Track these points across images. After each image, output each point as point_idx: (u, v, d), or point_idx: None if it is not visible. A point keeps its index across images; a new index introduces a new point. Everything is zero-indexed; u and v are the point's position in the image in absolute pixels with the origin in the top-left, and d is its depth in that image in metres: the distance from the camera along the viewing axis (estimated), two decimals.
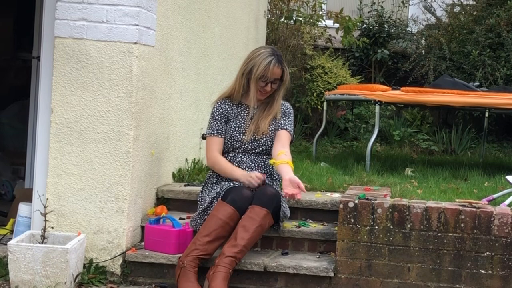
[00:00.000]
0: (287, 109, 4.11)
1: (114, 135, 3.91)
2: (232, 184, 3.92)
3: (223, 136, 4.03)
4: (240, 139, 3.99)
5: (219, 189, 3.92)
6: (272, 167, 4.02)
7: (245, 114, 4.04)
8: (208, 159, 4.08)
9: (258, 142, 4.01)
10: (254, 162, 4.02)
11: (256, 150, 4.02)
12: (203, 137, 4.13)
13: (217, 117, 4.04)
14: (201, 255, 3.71)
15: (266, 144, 4.03)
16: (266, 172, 4.02)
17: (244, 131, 4.01)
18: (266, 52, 3.98)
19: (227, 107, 4.05)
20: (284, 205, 3.94)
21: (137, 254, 3.95)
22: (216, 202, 3.85)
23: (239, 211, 3.75)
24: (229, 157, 4.03)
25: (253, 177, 3.88)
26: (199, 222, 3.92)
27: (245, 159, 4.01)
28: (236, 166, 3.99)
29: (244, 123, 4.02)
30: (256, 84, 3.97)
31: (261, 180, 3.88)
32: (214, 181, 4.03)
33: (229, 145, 4.03)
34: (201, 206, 3.98)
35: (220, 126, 4.03)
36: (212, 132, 4.04)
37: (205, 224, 3.77)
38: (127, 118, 3.90)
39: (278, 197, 3.84)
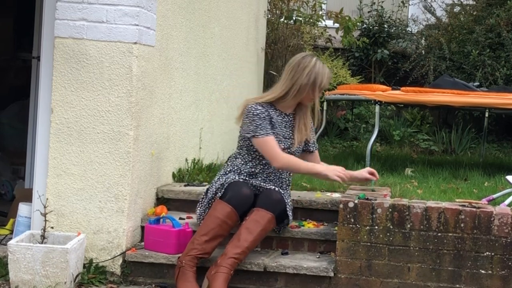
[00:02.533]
0: (311, 123, 4.09)
1: (114, 135, 3.91)
2: (237, 178, 3.86)
3: None
4: None
5: (223, 180, 3.88)
6: (282, 173, 3.97)
7: (280, 122, 3.96)
8: (277, 161, 3.81)
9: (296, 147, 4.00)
10: None
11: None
12: (250, 138, 3.92)
13: (264, 118, 3.87)
14: (199, 255, 3.71)
15: (299, 148, 4.02)
16: (280, 177, 3.97)
17: (281, 139, 3.92)
18: (319, 61, 3.93)
19: (271, 112, 3.92)
20: (290, 213, 3.94)
21: (137, 254, 3.95)
22: (219, 194, 3.81)
23: (238, 210, 3.75)
24: (255, 161, 3.93)
25: (341, 172, 3.85)
26: (203, 215, 3.88)
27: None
28: (261, 168, 3.92)
29: (282, 132, 3.95)
30: (319, 93, 3.97)
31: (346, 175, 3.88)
32: (222, 173, 3.98)
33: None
34: (206, 198, 3.92)
35: (270, 126, 3.89)
36: (267, 132, 3.85)
37: (203, 223, 3.77)
38: (127, 118, 3.90)
39: (283, 203, 3.84)
